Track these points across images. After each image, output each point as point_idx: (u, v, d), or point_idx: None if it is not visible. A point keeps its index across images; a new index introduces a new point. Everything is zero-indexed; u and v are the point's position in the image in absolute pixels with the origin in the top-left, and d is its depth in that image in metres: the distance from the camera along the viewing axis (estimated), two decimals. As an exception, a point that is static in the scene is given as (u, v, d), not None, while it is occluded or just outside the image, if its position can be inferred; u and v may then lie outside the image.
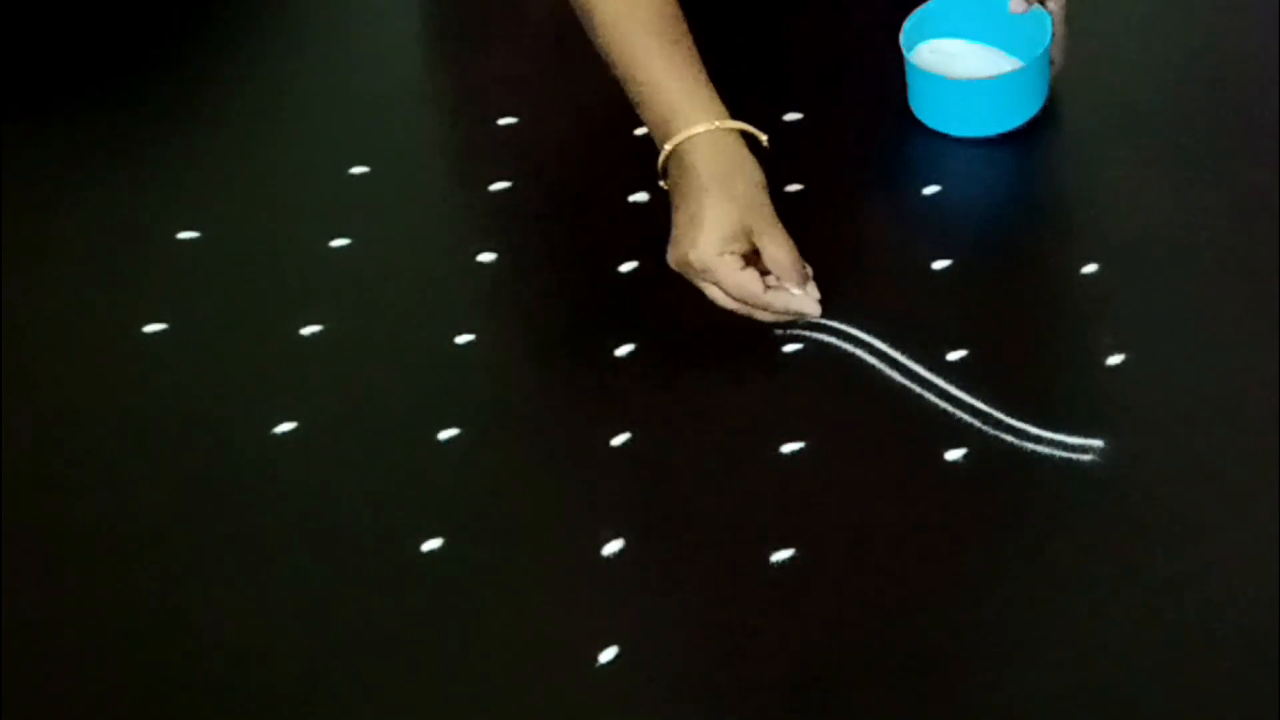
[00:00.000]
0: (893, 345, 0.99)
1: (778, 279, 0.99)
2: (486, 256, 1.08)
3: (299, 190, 1.15)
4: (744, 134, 1.02)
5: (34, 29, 1.31)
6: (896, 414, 0.96)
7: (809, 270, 1.01)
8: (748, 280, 0.98)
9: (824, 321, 1.01)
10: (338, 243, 1.09)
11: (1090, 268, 1.04)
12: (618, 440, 0.96)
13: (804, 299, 1.00)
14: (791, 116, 1.17)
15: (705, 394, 0.99)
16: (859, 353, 1.00)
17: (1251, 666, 0.83)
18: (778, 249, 0.99)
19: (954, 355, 0.99)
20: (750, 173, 1.00)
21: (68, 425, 0.99)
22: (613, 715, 0.84)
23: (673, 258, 0.99)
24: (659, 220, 1.10)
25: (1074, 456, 0.93)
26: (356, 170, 1.15)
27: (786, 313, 1.00)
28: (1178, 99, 1.16)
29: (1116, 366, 0.98)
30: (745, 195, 0.99)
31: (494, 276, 1.06)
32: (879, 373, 0.98)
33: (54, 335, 1.06)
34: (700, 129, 1.00)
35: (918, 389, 0.97)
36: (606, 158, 1.15)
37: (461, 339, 1.03)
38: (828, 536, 0.90)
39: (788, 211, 1.09)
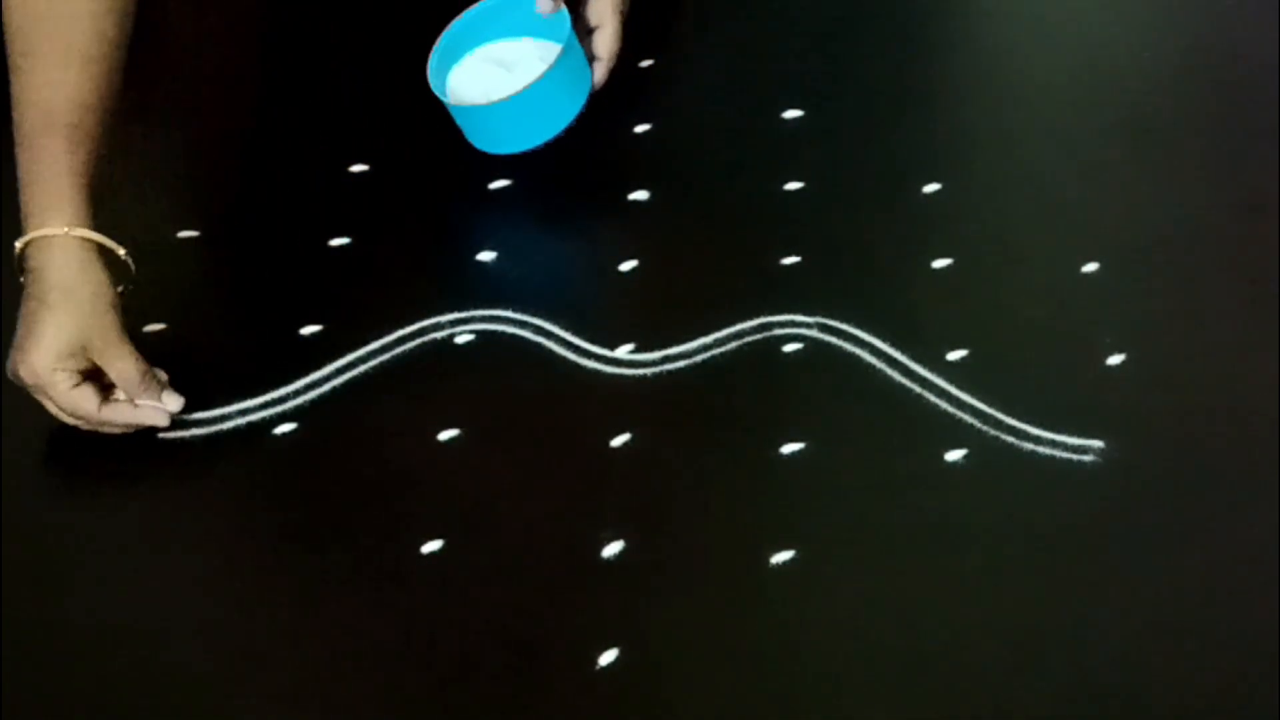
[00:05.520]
0: (893, 345, 0.99)
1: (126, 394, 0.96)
2: (486, 255, 1.08)
3: (299, 189, 1.15)
4: (102, 246, 0.97)
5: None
6: (896, 414, 0.96)
7: (163, 377, 0.98)
8: (79, 399, 0.94)
9: (825, 321, 1.01)
10: (338, 241, 1.09)
11: (1090, 267, 1.04)
12: (618, 440, 0.96)
13: (147, 411, 0.97)
14: (791, 114, 1.17)
15: (705, 393, 0.99)
16: (859, 352, 1.00)
17: (1251, 666, 0.83)
18: (122, 364, 0.95)
19: (954, 355, 0.99)
20: (96, 286, 0.95)
21: (67, 425, 0.99)
22: (613, 717, 0.84)
23: (9, 367, 0.95)
24: (660, 219, 1.10)
25: (1074, 456, 0.93)
26: (357, 169, 1.15)
27: (130, 427, 0.97)
28: (1178, 99, 1.17)
29: (1116, 366, 0.98)
30: (88, 309, 0.94)
31: (494, 275, 1.06)
32: (879, 373, 0.98)
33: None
34: (50, 232, 0.94)
35: (918, 389, 0.97)
36: (606, 156, 1.15)
37: (462, 339, 1.03)
38: (828, 536, 0.90)
39: (788, 210, 1.10)
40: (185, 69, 1.27)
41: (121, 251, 0.98)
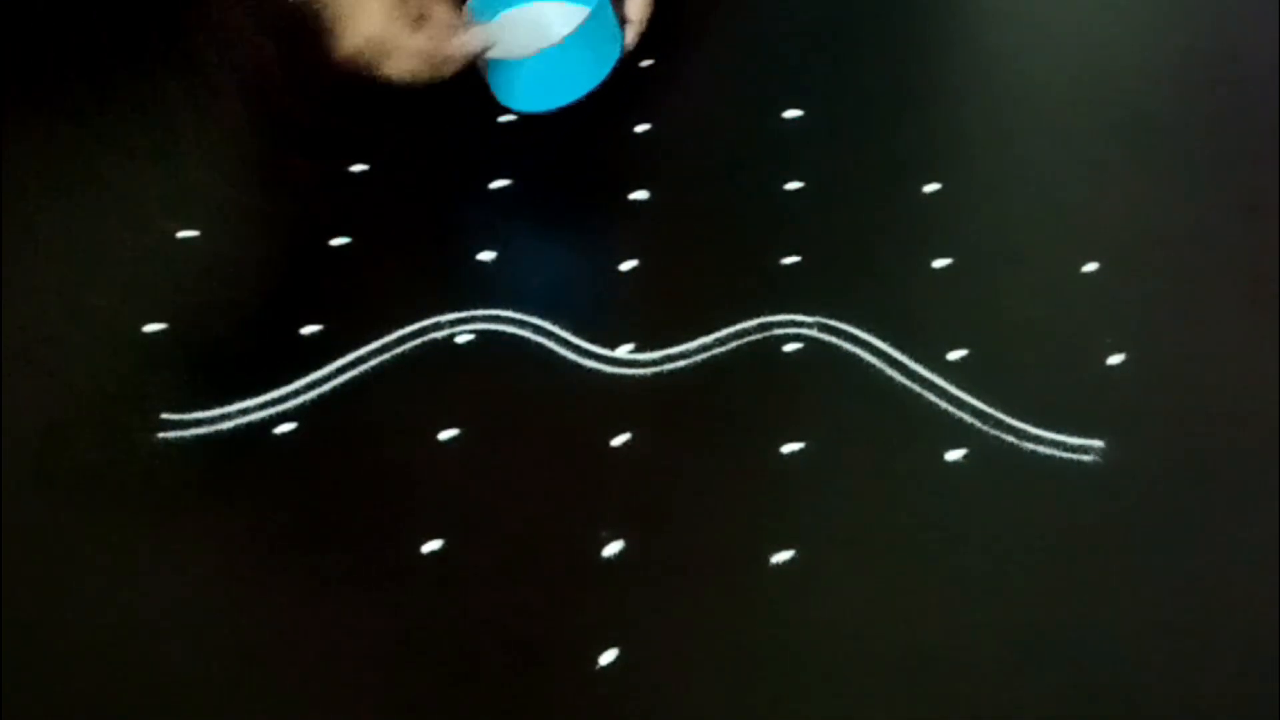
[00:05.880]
0: (893, 345, 0.99)
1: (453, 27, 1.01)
2: (486, 255, 1.08)
3: (298, 188, 1.15)
4: None
5: (35, 26, 1.31)
6: (896, 414, 0.96)
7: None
8: (425, 41, 0.99)
9: (825, 321, 1.01)
10: (338, 241, 1.09)
11: (1090, 267, 1.04)
12: (618, 440, 0.96)
13: (476, 37, 1.02)
14: (791, 114, 1.17)
15: (705, 393, 0.99)
16: (859, 352, 1.00)
17: (1251, 666, 0.83)
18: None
19: (954, 355, 0.99)
20: None
21: (67, 426, 0.99)
22: (613, 717, 0.84)
23: (344, 49, 0.98)
24: (660, 219, 1.10)
25: (1074, 456, 0.93)
26: (357, 168, 1.14)
27: (472, 55, 1.01)
28: (1178, 99, 1.17)
29: (1116, 366, 0.98)
30: None
31: (494, 275, 1.06)
32: (879, 373, 0.98)
33: (53, 335, 1.06)
34: None
35: (918, 389, 0.97)
36: (606, 156, 1.15)
37: (462, 338, 1.03)
38: (828, 536, 0.90)
39: (788, 210, 1.10)
40: (187, 67, 1.27)
41: None
